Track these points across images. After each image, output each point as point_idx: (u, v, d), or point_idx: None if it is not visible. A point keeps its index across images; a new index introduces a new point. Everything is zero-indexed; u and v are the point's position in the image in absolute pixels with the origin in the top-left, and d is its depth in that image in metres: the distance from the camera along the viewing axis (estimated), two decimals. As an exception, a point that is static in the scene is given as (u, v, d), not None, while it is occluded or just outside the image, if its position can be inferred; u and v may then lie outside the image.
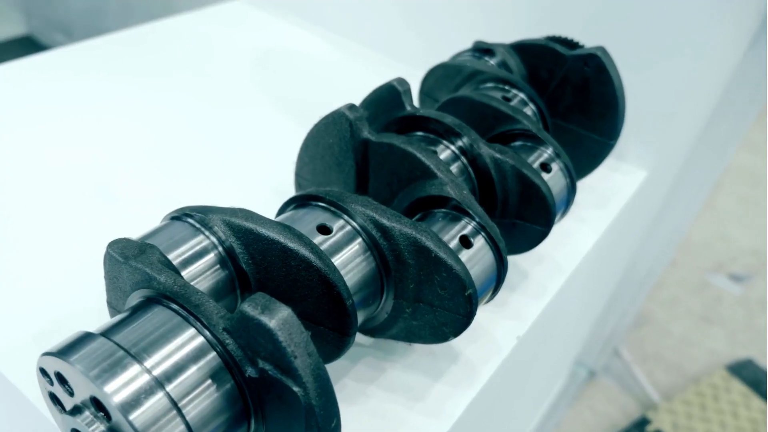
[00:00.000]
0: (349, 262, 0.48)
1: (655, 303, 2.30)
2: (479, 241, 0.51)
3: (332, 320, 0.46)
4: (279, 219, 0.49)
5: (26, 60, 0.92)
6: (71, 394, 0.38)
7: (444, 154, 0.59)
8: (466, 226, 0.52)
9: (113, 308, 0.46)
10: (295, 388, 0.36)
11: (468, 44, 0.79)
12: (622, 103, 0.72)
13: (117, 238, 0.44)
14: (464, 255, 0.50)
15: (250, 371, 0.38)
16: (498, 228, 0.60)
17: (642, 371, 2.04)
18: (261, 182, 0.73)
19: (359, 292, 0.48)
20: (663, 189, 1.16)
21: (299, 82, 0.98)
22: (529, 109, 0.70)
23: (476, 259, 0.51)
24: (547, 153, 0.63)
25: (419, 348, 0.58)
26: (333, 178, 0.59)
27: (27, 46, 2.11)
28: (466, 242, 0.51)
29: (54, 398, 0.40)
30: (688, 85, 0.85)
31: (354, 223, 0.49)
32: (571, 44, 0.79)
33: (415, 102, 0.80)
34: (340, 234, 0.48)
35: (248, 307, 0.36)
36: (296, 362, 0.36)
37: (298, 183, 0.62)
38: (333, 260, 0.47)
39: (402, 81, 0.61)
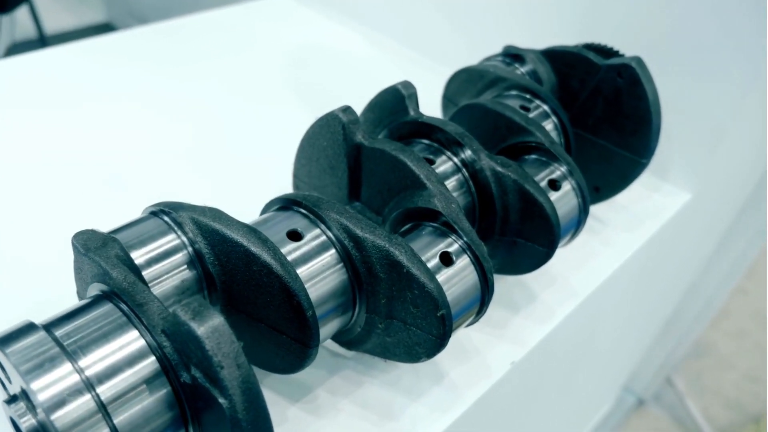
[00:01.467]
0: (318, 271, 0.46)
1: (719, 333, 2.16)
2: (463, 260, 0.48)
3: (294, 330, 0.44)
4: (253, 221, 0.48)
5: (73, 45, 0.95)
6: (10, 382, 0.38)
7: (445, 166, 0.56)
8: (452, 244, 0.49)
9: (80, 299, 0.46)
10: (221, 400, 0.34)
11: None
12: (656, 120, 0.67)
13: (84, 229, 0.43)
14: (443, 273, 0.47)
15: (185, 377, 0.37)
16: (499, 245, 0.57)
17: (697, 405, 1.92)
18: (281, 181, 0.72)
19: (326, 303, 0.46)
20: (719, 212, 1.08)
21: (335, 81, 0.96)
22: (550, 122, 0.66)
23: (458, 278, 0.48)
24: (559, 170, 0.59)
25: (404, 365, 0.56)
26: (327, 181, 0.57)
27: (105, 32, 2.19)
28: (447, 260, 0.48)
29: (1, 382, 0.40)
30: (742, 104, 0.79)
31: (328, 232, 0.47)
32: (608, 52, 0.74)
33: (438, 107, 0.77)
34: (311, 242, 0.46)
35: (180, 311, 0.35)
36: (222, 373, 0.34)
37: (296, 185, 0.61)
38: (302, 269, 0.45)
39: (407, 85, 0.58)
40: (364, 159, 0.54)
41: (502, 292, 0.64)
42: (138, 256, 0.44)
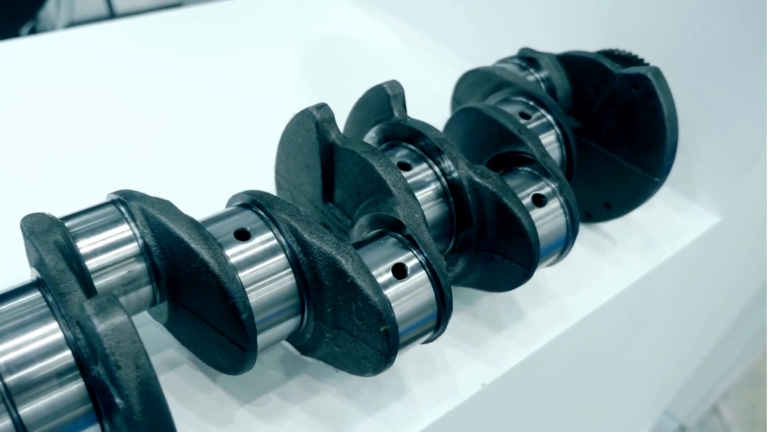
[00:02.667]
0: (263, 275, 0.44)
1: (781, 364, 2.02)
2: (418, 275, 0.46)
3: (232, 332, 0.43)
4: (208, 217, 0.47)
5: (101, 25, 0.97)
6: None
7: (425, 173, 0.53)
8: (411, 257, 0.46)
9: (32, 282, 0.47)
10: (117, 400, 0.34)
11: (536, 47, 0.71)
12: (671, 136, 0.62)
13: (34, 212, 0.44)
14: (394, 287, 0.45)
15: (95, 371, 0.36)
16: (476, 259, 0.54)
17: (743, 437, 1.81)
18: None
19: (269, 308, 0.44)
20: (757, 236, 1.00)
21: (358, 73, 0.94)
22: (552, 133, 0.62)
23: (411, 293, 0.45)
24: (548, 185, 0.55)
25: (371, 378, 0.53)
26: (304, 179, 0.55)
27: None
28: (400, 273, 0.45)
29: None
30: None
31: (279, 234, 0.45)
32: (630, 60, 0.69)
33: (447, 108, 0.75)
34: (260, 244, 0.45)
35: (87, 306, 0.34)
36: (119, 373, 0.33)
37: (277, 180, 0.59)
38: (246, 272, 0.44)
39: (394, 85, 0.56)
40: (336, 159, 0.52)
41: (487, 308, 0.61)
42: (85, 245, 0.43)
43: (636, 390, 1.16)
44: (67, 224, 0.44)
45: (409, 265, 0.46)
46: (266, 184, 0.63)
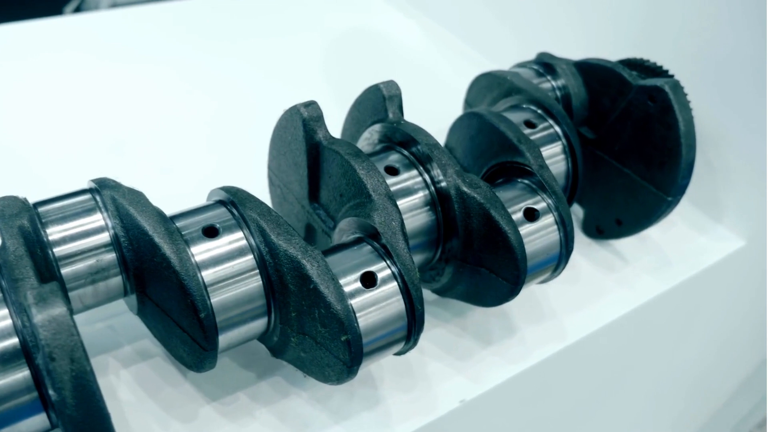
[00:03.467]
0: (228, 274, 0.43)
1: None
2: (389, 285, 0.44)
3: (192, 329, 0.42)
4: (179, 211, 0.46)
5: (143, 7, 0.98)
6: None
7: (414, 180, 0.51)
8: (384, 266, 0.45)
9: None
10: (50, 392, 0.33)
11: (563, 53, 0.69)
12: (688, 154, 0.58)
13: (8, 195, 0.44)
14: (362, 296, 0.43)
15: (37, 360, 0.36)
16: (462, 271, 0.52)
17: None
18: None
19: (234, 308, 0.43)
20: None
21: (381, 69, 0.93)
22: (558, 145, 0.59)
23: (379, 304, 0.43)
24: (543, 199, 0.52)
25: (344, 385, 0.52)
26: (292, 178, 0.54)
27: None
28: (369, 281, 0.44)
29: None
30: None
31: (248, 234, 0.44)
32: (654, 71, 0.66)
33: (457, 111, 0.72)
34: (227, 242, 0.44)
35: (29, 294, 0.34)
36: (53, 365, 0.33)
37: (269, 177, 0.58)
38: (210, 270, 0.43)
39: (390, 85, 0.54)
40: (322, 159, 0.51)
41: (478, 321, 0.59)
42: (54, 232, 0.43)
43: (635, 422, 1.10)
44: (41, 209, 0.44)
45: (380, 274, 0.44)
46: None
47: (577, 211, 0.72)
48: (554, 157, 0.59)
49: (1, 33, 0.88)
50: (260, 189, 0.65)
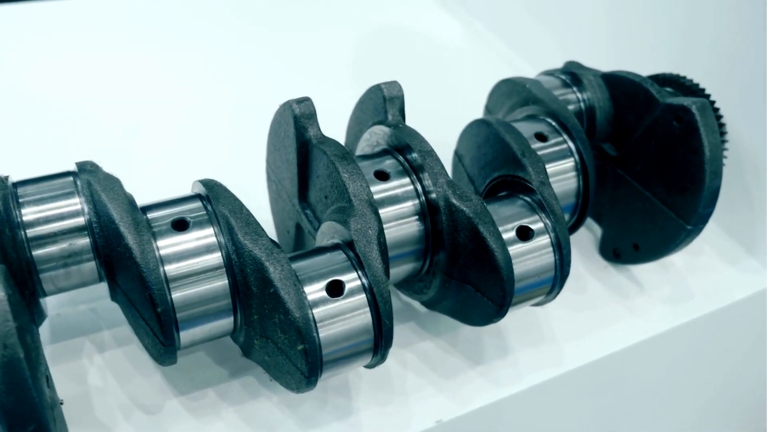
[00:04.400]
0: (193, 270, 0.42)
1: None
2: (357, 298, 0.42)
3: (152, 322, 0.42)
4: (154, 202, 0.45)
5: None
6: None
7: (405, 188, 0.49)
8: (354, 279, 0.42)
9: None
10: (-18, 378, 0.33)
11: (603, 63, 0.65)
12: (711, 181, 0.54)
13: (-10, 173, 0.44)
14: (325, 306, 0.41)
15: (-15, 343, 0.36)
16: (448, 286, 0.49)
17: None
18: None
19: (197, 305, 0.42)
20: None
21: (417, 69, 0.90)
22: (570, 161, 0.56)
23: (344, 315, 0.41)
24: (540, 219, 0.49)
25: (318, 391, 0.50)
26: (285, 174, 0.53)
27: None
28: (336, 291, 0.42)
29: None
30: None
31: (218, 231, 0.43)
32: (688, 89, 0.61)
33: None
34: (195, 237, 0.43)
35: (-27, 278, 0.34)
36: (-16, 351, 0.32)
37: (267, 172, 0.57)
38: (175, 264, 0.42)
39: (392, 86, 0.52)
40: (311, 158, 0.49)
41: (471, 338, 0.56)
42: (29, 213, 0.43)
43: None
44: (20, 189, 0.44)
45: (349, 285, 0.42)
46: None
47: (596, 231, 0.68)
48: (565, 174, 0.56)
49: (31, 10, 0.89)
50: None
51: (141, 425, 0.46)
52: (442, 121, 0.61)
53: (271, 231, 0.59)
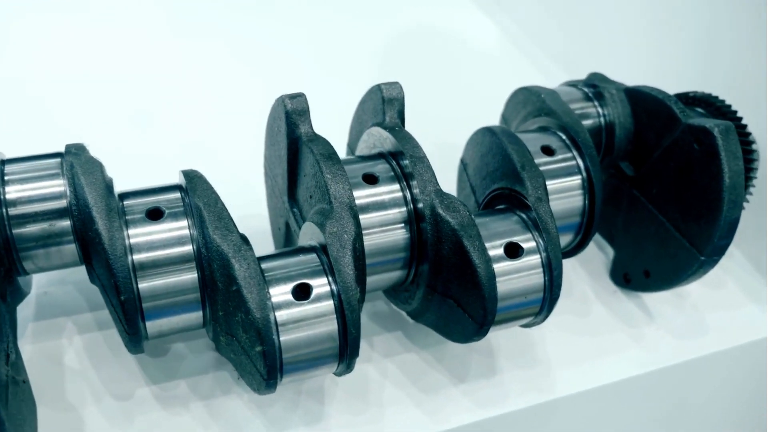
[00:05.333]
0: (161, 261, 0.41)
1: None
2: (324, 303, 0.40)
3: (118, 309, 0.41)
4: (133, 189, 0.45)
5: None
6: None
7: (393, 194, 0.47)
8: (324, 284, 0.41)
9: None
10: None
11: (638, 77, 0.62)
12: (729, 211, 0.50)
13: (-19, 149, 0.44)
14: (289, 308, 0.40)
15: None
16: (431, 298, 0.47)
17: None
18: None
19: (163, 297, 0.42)
20: None
21: (444, 67, 0.88)
22: (577, 179, 0.53)
23: (308, 320, 0.40)
24: (533, 238, 0.46)
25: (292, 393, 0.49)
26: (277, 171, 0.52)
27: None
28: (303, 294, 0.40)
29: None
30: None
31: (191, 223, 0.42)
32: (717, 109, 0.57)
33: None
34: (167, 228, 0.42)
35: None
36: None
37: (265, 167, 0.56)
38: (145, 253, 0.41)
39: (392, 87, 0.50)
40: (301, 156, 0.48)
41: (459, 353, 0.54)
42: (12, 191, 0.43)
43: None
44: (7, 168, 0.44)
45: (317, 289, 0.41)
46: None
47: (609, 252, 0.64)
48: (571, 191, 0.53)
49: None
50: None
51: (109, 411, 0.46)
52: (464, 126, 0.58)
53: (269, 228, 0.58)
